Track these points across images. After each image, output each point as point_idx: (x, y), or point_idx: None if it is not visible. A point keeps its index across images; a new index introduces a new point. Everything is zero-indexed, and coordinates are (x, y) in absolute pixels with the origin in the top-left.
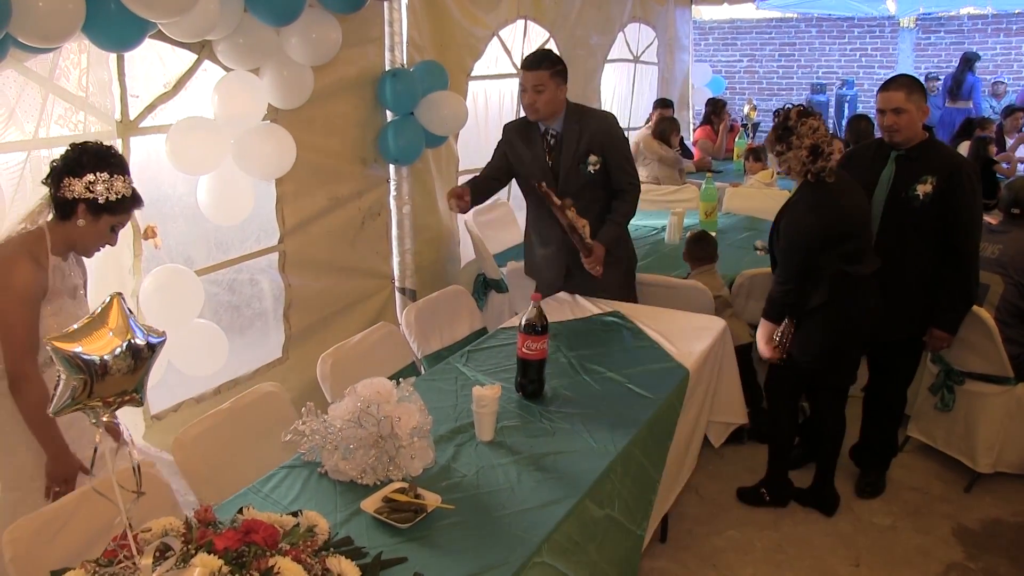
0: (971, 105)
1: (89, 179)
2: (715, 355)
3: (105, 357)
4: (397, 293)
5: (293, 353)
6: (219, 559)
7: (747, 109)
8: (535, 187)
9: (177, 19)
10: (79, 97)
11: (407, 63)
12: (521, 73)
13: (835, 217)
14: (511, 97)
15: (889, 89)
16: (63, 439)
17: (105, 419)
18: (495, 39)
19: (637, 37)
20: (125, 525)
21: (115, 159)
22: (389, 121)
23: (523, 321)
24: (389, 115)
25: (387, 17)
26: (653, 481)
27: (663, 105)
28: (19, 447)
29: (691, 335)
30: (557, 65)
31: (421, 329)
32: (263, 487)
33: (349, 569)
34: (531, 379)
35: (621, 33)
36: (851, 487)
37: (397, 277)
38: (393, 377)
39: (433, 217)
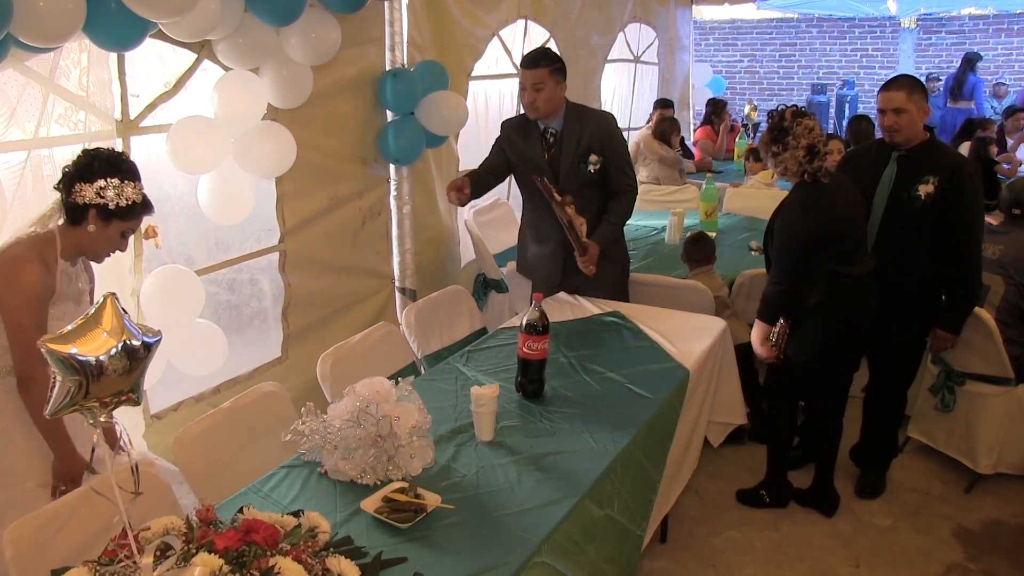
0: (973, 105)
1: (100, 184)
2: (715, 355)
3: (100, 358)
4: (397, 293)
5: (292, 353)
6: (220, 558)
7: (748, 109)
8: (534, 183)
9: (178, 19)
10: (79, 96)
11: (407, 63)
12: (520, 72)
13: (830, 217)
14: (511, 97)
15: (890, 89)
16: (70, 439)
17: (102, 419)
18: (495, 39)
19: (637, 37)
20: (125, 524)
21: (126, 165)
22: (389, 121)
23: (524, 321)
24: (389, 115)
25: (387, 17)
26: (653, 481)
27: (663, 105)
28: (10, 448)
29: (691, 335)
30: (556, 63)
31: (421, 329)
32: (263, 487)
33: (349, 569)
34: (531, 379)
35: (621, 33)
36: (851, 488)
37: (397, 277)
38: (393, 377)
39: (433, 217)
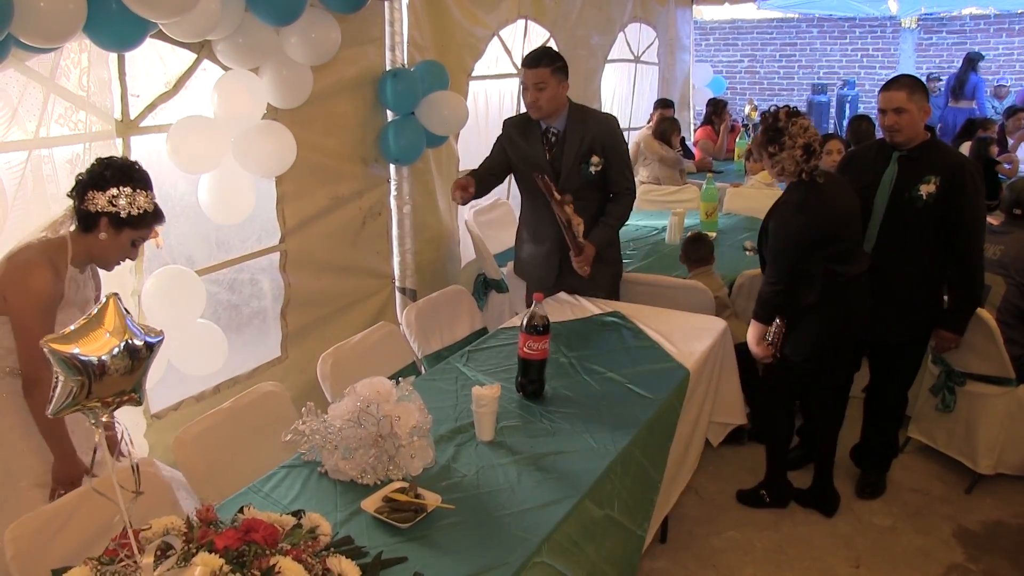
0: (974, 105)
1: (112, 193)
2: (715, 355)
3: (103, 358)
4: (397, 293)
5: (292, 352)
6: (220, 558)
7: (748, 109)
8: (534, 181)
9: (178, 19)
10: (79, 96)
11: (408, 63)
12: (522, 72)
13: (825, 217)
14: (511, 97)
15: (891, 89)
16: (71, 443)
17: (104, 419)
18: (496, 39)
19: (638, 37)
20: (125, 524)
21: (139, 174)
22: (390, 121)
23: (525, 321)
24: (390, 115)
25: (388, 17)
26: (654, 481)
27: (664, 105)
28: (7, 448)
29: (691, 335)
30: (557, 62)
31: (421, 329)
32: (263, 486)
33: (349, 569)
34: (532, 379)
35: (622, 33)
36: (851, 488)
37: (397, 277)
38: (393, 377)
39: (433, 217)
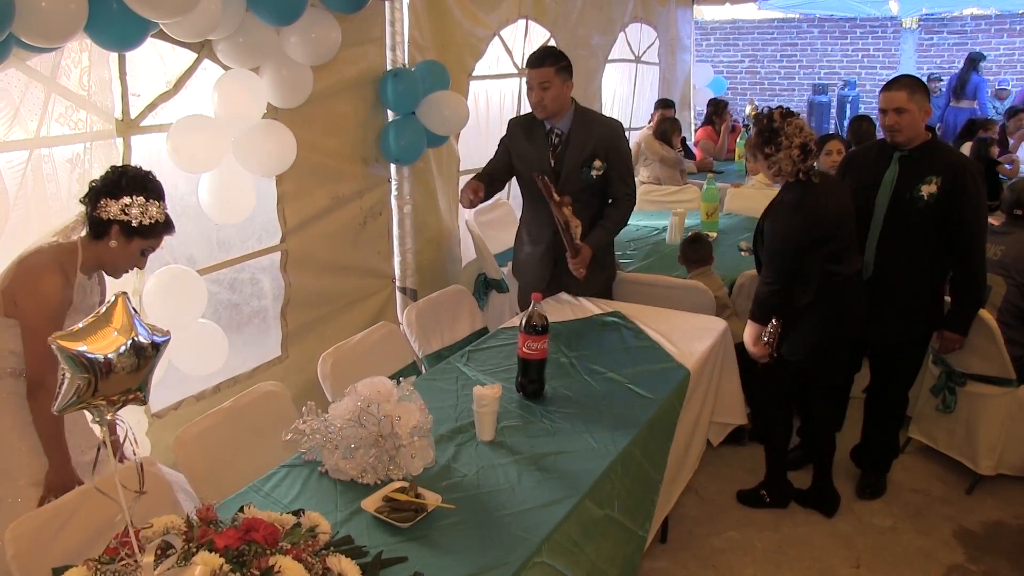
0: (976, 105)
1: (125, 202)
2: (716, 355)
3: (110, 356)
4: (398, 292)
5: (293, 352)
6: (220, 557)
7: (749, 109)
8: (534, 181)
9: (179, 19)
10: (80, 96)
11: (408, 63)
12: (527, 71)
13: (821, 217)
14: (512, 97)
15: (891, 89)
16: (68, 452)
17: (109, 417)
18: (496, 39)
19: (638, 37)
20: (127, 523)
21: (152, 184)
22: (390, 121)
23: (524, 321)
24: (390, 115)
25: (388, 17)
26: (654, 481)
27: (664, 105)
28: (4, 447)
29: (692, 335)
30: (561, 61)
31: (422, 329)
32: (263, 486)
33: (349, 568)
34: (532, 379)
35: (622, 33)
36: (852, 488)
37: (398, 276)
38: (394, 376)
39: (434, 217)
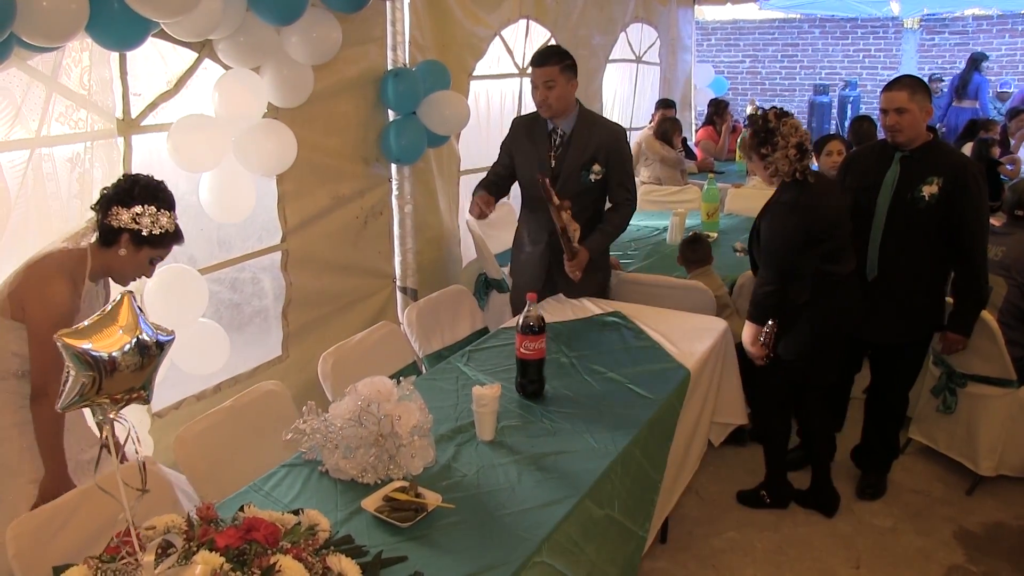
0: (977, 105)
1: (136, 211)
2: (716, 356)
3: (114, 354)
4: (398, 292)
5: (293, 351)
6: (220, 556)
7: (749, 110)
8: (535, 181)
9: (180, 18)
10: (81, 95)
11: (409, 62)
12: (531, 70)
13: (818, 216)
14: (512, 97)
15: (893, 89)
16: (65, 460)
17: (112, 416)
18: (497, 39)
19: (639, 37)
20: (129, 522)
21: (164, 194)
22: (391, 120)
23: (519, 321)
24: (391, 114)
25: (389, 16)
26: (654, 481)
27: (665, 106)
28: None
29: (692, 335)
30: (566, 60)
31: (422, 328)
32: (264, 485)
33: (349, 567)
34: (531, 379)
35: (623, 33)
36: (852, 489)
37: (399, 276)
38: (394, 376)
39: (434, 217)
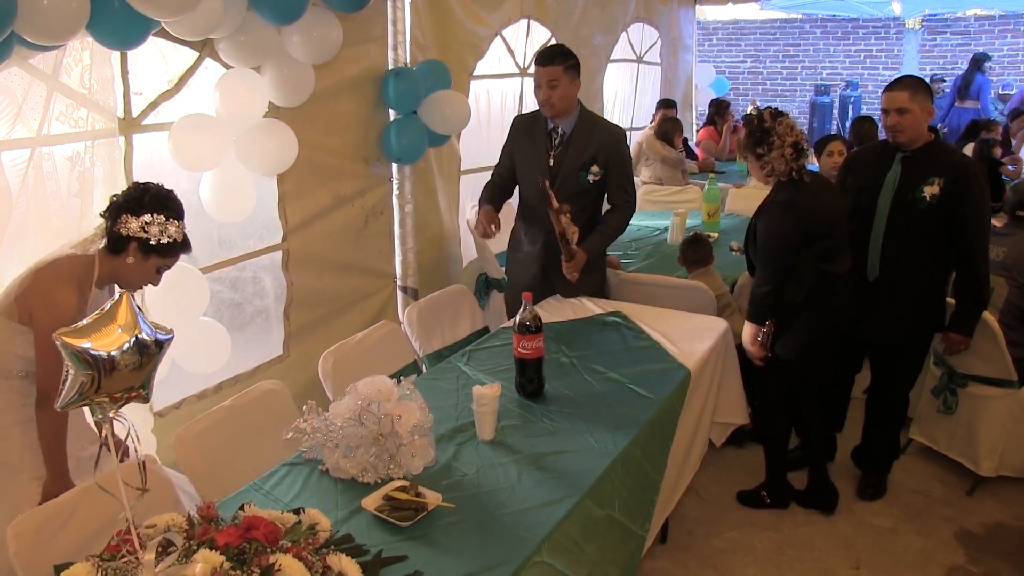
0: (979, 106)
1: (146, 219)
2: (717, 356)
3: (113, 353)
4: (399, 292)
5: (294, 351)
6: (221, 555)
7: (750, 110)
8: (534, 182)
9: (181, 17)
10: (81, 94)
11: (410, 62)
12: (535, 69)
13: (814, 216)
14: (513, 97)
15: (894, 89)
16: (67, 463)
17: (111, 415)
18: (498, 38)
19: (640, 37)
20: (129, 520)
21: (173, 203)
22: (392, 120)
23: (516, 321)
24: (392, 114)
25: (390, 16)
26: (654, 481)
27: (666, 105)
28: (6, 442)
29: (692, 335)
30: (569, 59)
31: (423, 328)
32: (264, 484)
33: (349, 567)
34: (530, 379)
35: (624, 33)
36: (853, 489)
37: (399, 276)
38: (394, 376)
39: (435, 216)
